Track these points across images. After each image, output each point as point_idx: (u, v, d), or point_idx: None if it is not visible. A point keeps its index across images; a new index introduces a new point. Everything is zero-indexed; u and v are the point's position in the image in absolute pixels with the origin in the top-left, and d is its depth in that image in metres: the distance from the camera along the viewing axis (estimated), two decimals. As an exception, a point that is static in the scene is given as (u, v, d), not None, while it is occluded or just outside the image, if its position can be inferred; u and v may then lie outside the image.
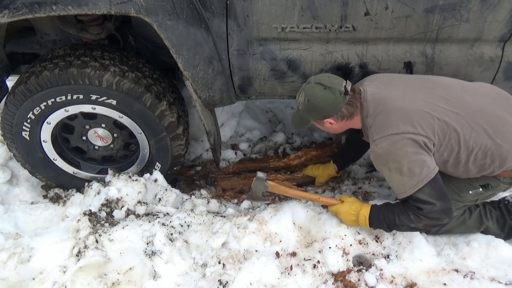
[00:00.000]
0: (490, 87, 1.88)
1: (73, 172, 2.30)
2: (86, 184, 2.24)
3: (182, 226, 1.95)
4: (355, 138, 2.19)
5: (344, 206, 1.91)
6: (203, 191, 2.41)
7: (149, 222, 1.96)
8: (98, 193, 2.11)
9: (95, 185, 2.16)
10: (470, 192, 1.88)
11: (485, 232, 2.03)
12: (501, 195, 2.15)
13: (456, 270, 1.86)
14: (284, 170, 2.61)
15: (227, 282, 1.77)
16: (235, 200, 2.41)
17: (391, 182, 1.74)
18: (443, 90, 1.75)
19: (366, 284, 1.77)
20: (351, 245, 1.89)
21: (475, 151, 1.70)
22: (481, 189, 1.86)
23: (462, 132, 1.68)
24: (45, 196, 2.35)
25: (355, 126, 1.89)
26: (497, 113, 1.74)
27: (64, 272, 1.77)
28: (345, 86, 1.76)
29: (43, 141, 2.14)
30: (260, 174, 2.01)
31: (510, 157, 1.72)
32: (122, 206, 2.06)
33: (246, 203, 2.26)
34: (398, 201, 1.81)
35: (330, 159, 2.44)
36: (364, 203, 1.90)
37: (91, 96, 1.98)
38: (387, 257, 1.87)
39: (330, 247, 1.87)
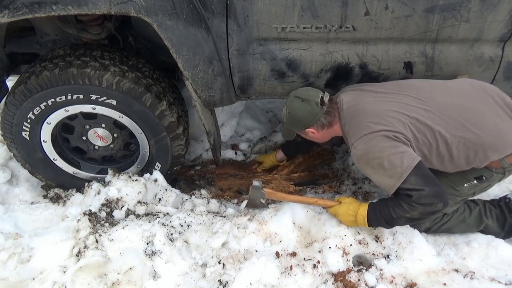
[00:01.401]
0: (463, 82, 1.93)
1: (73, 172, 2.30)
2: (86, 184, 2.24)
3: (182, 226, 1.95)
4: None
5: (342, 208, 1.92)
6: (203, 191, 2.41)
7: (149, 222, 1.96)
8: (98, 193, 2.11)
9: (95, 185, 2.16)
10: (465, 185, 1.90)
11: (485, 230, 2.03)
12: (501, 194, 2.15)
13: (456, 270, 1.86)
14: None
15: (227, 282, 1.77)
16: (235, 200, 2.41)
17: (378, 181, 1.77)
18: (412, 91, 1.84)
19: (366, 284, 1.77)
20: (351, 245, 1.89)
21: (454, 144, 1.74)
22: (475, 181, 1.88)
23: (436, 127, 1.74)
24: (45, 196, 2.34)
25: (337, 134, 1.99)
26: (472, 106, 1.79)
27: (64, 272, 1.77)
28: (322, 97, 1.88)
29: (43, 141, 2.14)
30: (256, 183, 2.01)
31: (491, 147, 1.75)
32: (122, 206, 2.05)
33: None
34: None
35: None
36: (362, 203, 1.90)
37: (91, 96, 1.98)
38: (387, 257, 1.87)
39: (330, 247, 1.87)
